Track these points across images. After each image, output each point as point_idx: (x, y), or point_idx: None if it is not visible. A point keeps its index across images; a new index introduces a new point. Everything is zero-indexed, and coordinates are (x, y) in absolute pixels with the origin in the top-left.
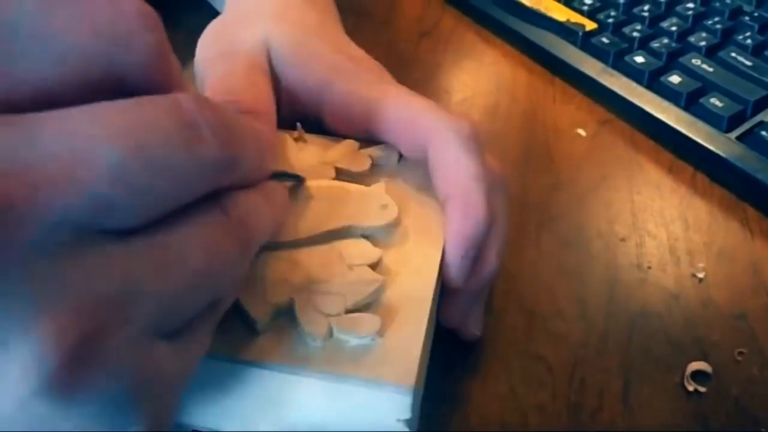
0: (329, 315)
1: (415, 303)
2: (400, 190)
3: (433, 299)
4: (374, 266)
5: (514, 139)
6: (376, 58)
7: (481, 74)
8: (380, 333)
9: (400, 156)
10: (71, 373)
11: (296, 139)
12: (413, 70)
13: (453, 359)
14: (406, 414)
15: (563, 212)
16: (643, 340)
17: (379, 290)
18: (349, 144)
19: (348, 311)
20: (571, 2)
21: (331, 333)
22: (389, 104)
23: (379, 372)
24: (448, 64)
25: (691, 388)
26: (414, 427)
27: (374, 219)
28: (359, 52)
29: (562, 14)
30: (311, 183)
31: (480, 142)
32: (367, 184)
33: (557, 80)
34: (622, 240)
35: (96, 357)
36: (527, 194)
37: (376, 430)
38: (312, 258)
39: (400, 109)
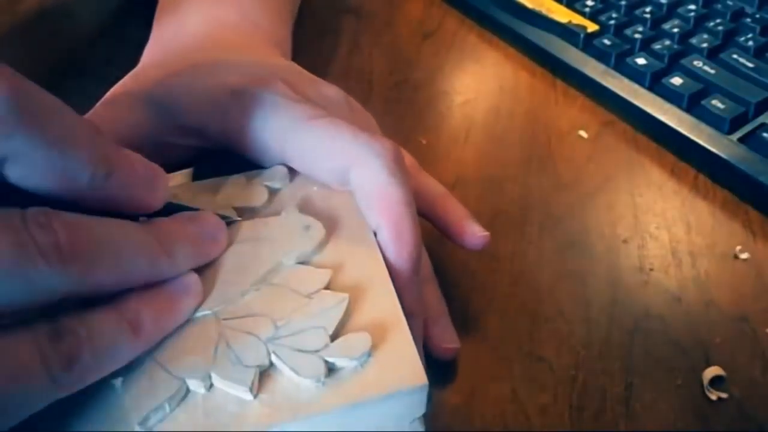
0: (317, 351)
1: (384, 307)
2: (309, 206)
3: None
4: (327, 287)
5: (516, 140)
6: (378, 60)
7: (483, 76)
8: (373, 347)
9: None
10: None
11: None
12: (415, 71)
13: (455, 360)
14: (422, 411)
15: (565, 214)
16: (646, 341)
17: (349, 307)
18: (236, 180)
19: (332, 339)
20: (573, 4)
21: (328, 368)
22: (306, 131)
23: (391, 383)
24: (450, 65)
25: (714, 397)
26: (427, 425)
27: (304, 244)
28: (267, 66)
29: (563, 16)
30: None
31: (404, 164)
32: (275, 213)
33: (559, 82)
34: (625, 242)
35: None
36: (529, 196)
37: None
38: (265, 305)
39: (318, 137)
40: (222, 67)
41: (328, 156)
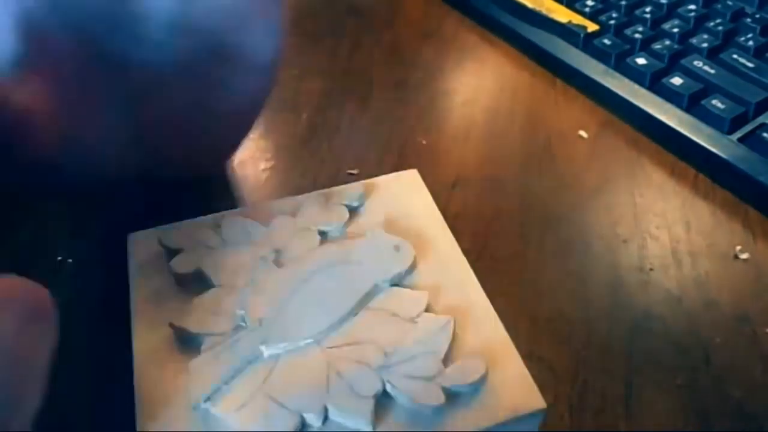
0: (432, 378)
1: (487, 328)
2: (393, 224)
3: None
4: (427, 309)
5: (516, 140)
6: (378, 59)
7: (483, 76)
8: (486, 376)
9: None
10: None
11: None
12: (415, 71)
13: None
14: (535, 429)
15: (565, 214)
16: (646, 342)
17: (454, 329)
18: (314, 199)
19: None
20: (573, 4)
21: (446, 394)
22: None
23: (510, 408)
24: (450, 65)
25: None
26: None
27: (396, 265)
28: None
29: (563, 16)
30: (305, 257)
31: None
32: (358, 234)
33: (559, 82)
34: (625, 242)
35: None
36: (529, 196)
37: None
38: (368, 331)
39: None
40: None
41: None
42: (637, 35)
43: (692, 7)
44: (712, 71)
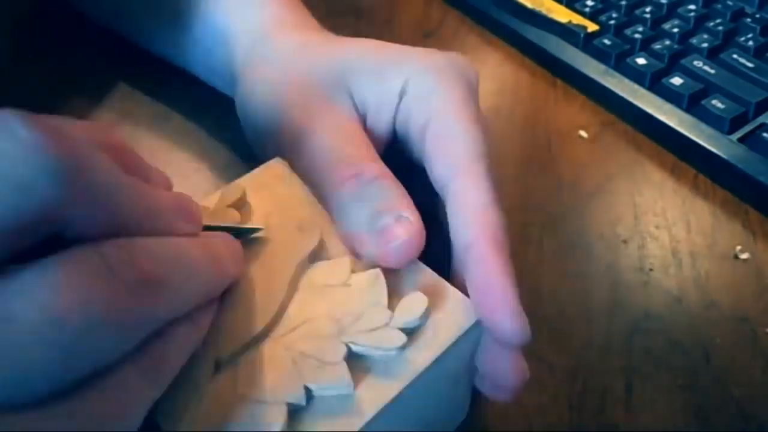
0: (387, 324)
1: (410, 270)
2: (282, 211)
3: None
4: (353, 271)
5: (516, 141)
6: None
7: (483, 76)
8: (429, 308)
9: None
10: None
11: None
12: None
13: None
14: (478, 344)
15: (565, 214)
16: (645, 342)
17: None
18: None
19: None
20: (573, 4)
21: (404, 332)
22: (449, 123)
23: (458, 324)
24: None
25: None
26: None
27: (306, 243)
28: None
29: (563, 16)
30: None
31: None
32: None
33: (559, 82)
34: (625, 242)
35: None
36: (529, 196)
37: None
38: (311, 308)
39: (441, 133)
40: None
41: (443, 159)
42: (637, 35)
43: (692, 7)
44: (712, 71)
